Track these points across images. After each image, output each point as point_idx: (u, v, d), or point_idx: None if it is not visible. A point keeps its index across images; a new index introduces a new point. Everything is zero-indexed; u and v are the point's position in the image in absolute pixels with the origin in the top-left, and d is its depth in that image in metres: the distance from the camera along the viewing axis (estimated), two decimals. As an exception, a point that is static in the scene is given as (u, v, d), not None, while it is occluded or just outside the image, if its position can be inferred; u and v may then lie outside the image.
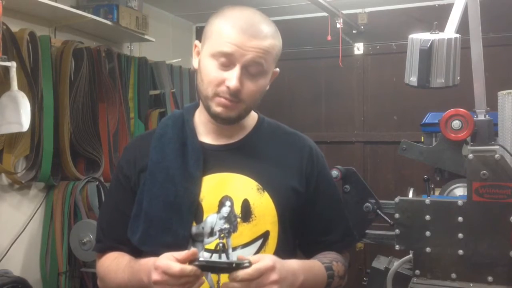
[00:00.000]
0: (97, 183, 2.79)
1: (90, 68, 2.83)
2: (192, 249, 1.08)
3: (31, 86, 2.47)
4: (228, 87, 1.19)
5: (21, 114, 2.29)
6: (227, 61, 1.20)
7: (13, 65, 2.28)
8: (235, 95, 1.20)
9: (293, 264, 1.17)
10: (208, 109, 1.26)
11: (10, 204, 2.56)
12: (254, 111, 1.39)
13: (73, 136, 2.74)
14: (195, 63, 1.31)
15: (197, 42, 1.31)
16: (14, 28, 2.46)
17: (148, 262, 1.16)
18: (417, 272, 1.60)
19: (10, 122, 2.30)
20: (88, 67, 2.81)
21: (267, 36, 1.22)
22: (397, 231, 1.64)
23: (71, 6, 2.77)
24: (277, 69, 1.33)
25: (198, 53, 1.29)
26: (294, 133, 1.41)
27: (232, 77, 1.19)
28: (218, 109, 1.23)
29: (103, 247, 1.37)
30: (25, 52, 2.48)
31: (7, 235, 2.54)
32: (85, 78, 2.80)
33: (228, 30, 1.20)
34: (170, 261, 1.06)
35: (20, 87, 2.35)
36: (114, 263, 1.31)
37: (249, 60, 1.20)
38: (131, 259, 1.27)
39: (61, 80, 2.69)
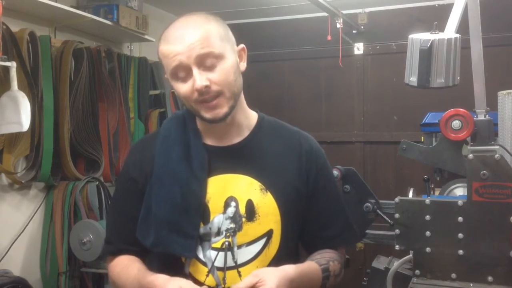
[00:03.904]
0: (97, 183, 2.79)
1: (90, 68, 2.83)
2: None
3: (31, 86, 2.47)
4: (197, 90, 1.22)
5: (21, 114, 2.29)
6: (183, 72, 1.23)
7: (13, 65, 2.28)
8: (207, 92, 1.23)
9: (291, 273, 1.20)
10: (202, 119, 1.30)
11: (10, 204, 2.56)
12: (254, 110, 1.41)
13: (73, 136, 2.74)
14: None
15: None
16: (14, 28, 2.46)
17: (155, 280, 1.21)
18: (417, 272, 1.61)
19: (10, 122, 2.30)
20: (88, 67, 2.81)
21: (197, 27, 1.24)
22: (397, 231, 1.64)
23: (71, 6, 2.77)
24: (242, 45, 1.33)
25: None
26: (295, 131, 1.43)
27: (194, 80, 1.22)
28: (208, 115, 1.26)
29: (113, 250, 1.40)
30: (25, 52, 2.48)
31: (7, 235, 2.54)
32: (85, 78, 2.79)
33: (166, 48, 1.25)
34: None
35: (20, 87, 2.35)
36: (124, 271, 1.34)
37: (196, 56, 1.21)
38: (140, 270, 1.31)
39: (61, 80, 2.69)
